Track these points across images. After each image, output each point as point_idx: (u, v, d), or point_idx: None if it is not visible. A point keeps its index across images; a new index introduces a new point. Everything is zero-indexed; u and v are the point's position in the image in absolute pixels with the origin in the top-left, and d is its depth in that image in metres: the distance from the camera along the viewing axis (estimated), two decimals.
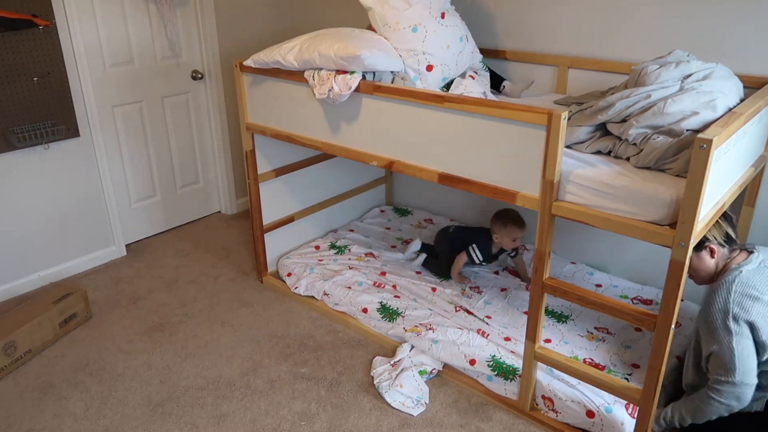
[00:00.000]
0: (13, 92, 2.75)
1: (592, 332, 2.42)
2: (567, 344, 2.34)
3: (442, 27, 2.35)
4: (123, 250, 3.41)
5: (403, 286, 2.79)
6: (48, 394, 2.34)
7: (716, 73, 1.91)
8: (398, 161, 2.22)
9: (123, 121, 3.30)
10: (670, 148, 1.76)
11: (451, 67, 2.39)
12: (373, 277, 2.85)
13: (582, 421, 2.06)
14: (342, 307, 2.73)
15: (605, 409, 2.01)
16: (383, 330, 2.58)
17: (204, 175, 3.80)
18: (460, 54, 2.41)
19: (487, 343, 2.34)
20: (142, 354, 2.56)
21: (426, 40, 2.30)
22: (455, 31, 2.39)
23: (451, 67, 2.39)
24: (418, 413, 2.19)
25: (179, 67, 3.46)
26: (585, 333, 2.42)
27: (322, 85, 2.27)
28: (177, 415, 2.21)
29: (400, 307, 2.63)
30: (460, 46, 2.40)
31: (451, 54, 2.37)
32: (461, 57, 2.42)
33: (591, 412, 2.03)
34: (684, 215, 1.57)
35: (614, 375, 2.16)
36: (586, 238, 2.92)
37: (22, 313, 2.56)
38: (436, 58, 2.32)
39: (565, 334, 2.41)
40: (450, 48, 2.36)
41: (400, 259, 3.05)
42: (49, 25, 2.78)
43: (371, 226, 3.44)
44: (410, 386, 2.27)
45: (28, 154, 2.90)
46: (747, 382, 1.73)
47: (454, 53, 2.38)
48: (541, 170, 1.81)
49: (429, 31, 2.31)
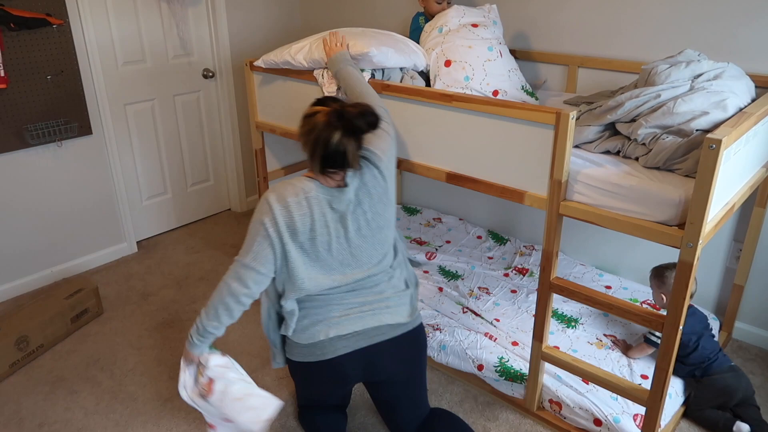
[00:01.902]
0: (27, 90, 2.79)
1: (601, 339, 2.39)
2: (576, 352, 2.31)
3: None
4: (134, 246, 3.45)
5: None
6: (60, 389, 2.37)
7: (727, 73, 1.89)
8: (406, 160, 2.23)
9: (135, 119, 3.33)
10: (679, 148, 1.75)
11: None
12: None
13: (590, 428, 2.05)
14: None
15: (613, 419, 2.00)
16: None
17: (214, 173, 3.83)
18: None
19: (494, 346, 2.33)
20: (153, 349, 2.59)
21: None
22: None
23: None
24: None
25: (191, 65, 3.48)
26: (594, 340, 2.39)
27: (331, 84, 2.28)
28: (186, 410, 2.23)
29: None
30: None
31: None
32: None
33: (598, 420, 2.02)
34: (693, 216, 1.56)
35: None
36: (596, 240, 2.90)
37: (35, 308, 2.60)
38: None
39: (573, 342, 2.38)
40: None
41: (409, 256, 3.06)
42: (63, 23, 2.82)
43: None
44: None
45: (41, 152, 2.94)
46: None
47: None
48: (549, 170, 1.81)
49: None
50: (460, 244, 3.19)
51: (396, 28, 2.82)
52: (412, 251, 3.10)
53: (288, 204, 1.63)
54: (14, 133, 2.80)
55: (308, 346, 1.73)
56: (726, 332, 2.58)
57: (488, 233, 3.27)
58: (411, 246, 3.19)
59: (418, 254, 3.07)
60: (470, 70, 2.25)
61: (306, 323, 1.74)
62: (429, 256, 3.07)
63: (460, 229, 3.34)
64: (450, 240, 3.24)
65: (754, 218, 2.35)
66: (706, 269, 2.59)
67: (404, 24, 2.81)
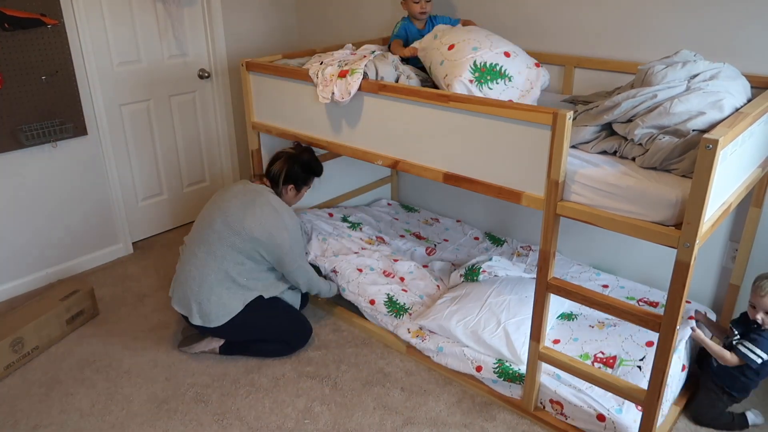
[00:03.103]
0: (21, 91, 2.78)
1: (602, 321, 2.41)
2: (576, 341, 2.32)
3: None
4: (130, 248, 3.44)
5: (410, 280, 2.78)
6: (55, 390, 2.35)
7: (723, 73, 1.90)
8: (403, 160, 2.22)
9: (130, 120, 3.32)
10: (676, 148, 1.76)
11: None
12: (383, 263, 2.84)
13: (593, 425, 2.05)
14: (350, 296, 2.71)
15: (615, 411, 2.01)
16: (389, 325, 2.58)
17: (210, 174, 3.81)
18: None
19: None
20: (148, 351, 2.58)
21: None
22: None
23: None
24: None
25: (186, 66, 3.47)
26: (595, 323, 2.41)
27: (326, 87, 2.28)
28: (182, 411, 2.23)
29: (407, 302, 2.63)
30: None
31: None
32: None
33: (601, 416, 2.02)
34: (689, 216, 1.56)
35: (626, 364, 2.16)
36: (593, 239, 2.90)
37: (30, 310, 2.58)
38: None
39: (574, 330, 2.40)
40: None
41: (409, 248, 3.08)
42: (58, 24, 2.80)
43: (380, 213, 3.46)
44: None
45: (36, 153, 2.92)
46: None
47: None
48: (546, 170, 1.81)
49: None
50: (457, 244, 3.20)
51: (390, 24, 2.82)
52: (410, 243, 3.11)
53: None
54: (8, 134, 2.79)
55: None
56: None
57: (485, 235, 3.27)
58: (410, 239, 3.19)
59: (417, 247, 3.09)
60: (476, 42, 2.26)
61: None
62: (429, 251, 3.10)
63: (457, 230, 3.34)
64: (447, 239, 3.25)
65: (750, 218, 2.35)
66: (702, 269, 2.60)
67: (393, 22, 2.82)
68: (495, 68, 2.19)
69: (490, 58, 2.20)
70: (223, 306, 2.38)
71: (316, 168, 2.64)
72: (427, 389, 2.33)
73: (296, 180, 2.55)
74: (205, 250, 2.40)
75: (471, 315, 2.37)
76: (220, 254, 2.37)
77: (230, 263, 2.38)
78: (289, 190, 2.56)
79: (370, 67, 2.27)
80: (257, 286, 2.45)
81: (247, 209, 2.37)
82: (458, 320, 2.37)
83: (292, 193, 2.58)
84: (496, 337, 2.27)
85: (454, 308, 2.43)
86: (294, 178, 2.54)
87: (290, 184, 2.55)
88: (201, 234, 2.44)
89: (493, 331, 2.29)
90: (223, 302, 2.38)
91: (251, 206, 2.38)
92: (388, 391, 2.33)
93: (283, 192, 2.55)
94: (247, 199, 2.41)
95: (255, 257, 2.40)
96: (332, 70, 2.32)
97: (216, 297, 2.37)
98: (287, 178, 2.53)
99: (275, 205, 2.43)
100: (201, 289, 2.38)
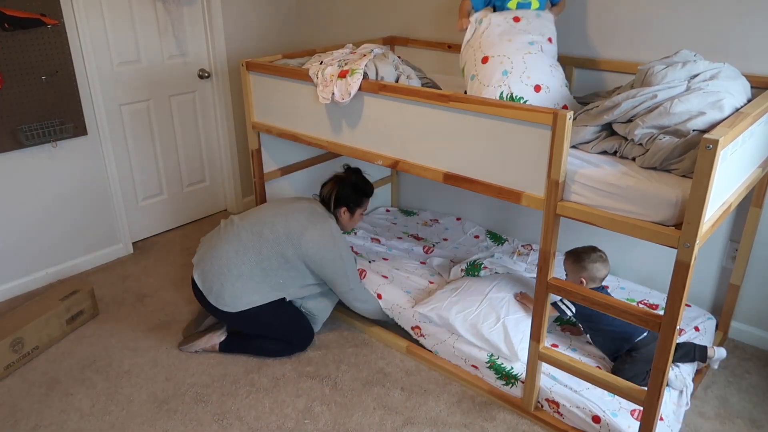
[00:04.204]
0: (21, 91, 2.77)
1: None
2: (575, 351, 2.32)
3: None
4: (130, 247, 3.44)
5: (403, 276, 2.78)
6: (55, 390, 2.35)
7: (723, 73, 1.90)
8: (403, 160, 2.22)
9: (130, 120, 3.32)
10: (676, 148, 1.76)
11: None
12: (377, 266, 2.84)
13: (588, 427, 2.05)
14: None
15: (611, 414, 2.01)
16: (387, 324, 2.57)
17: (210, 174, 3.81)
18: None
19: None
20: (148, 351, 2.58)
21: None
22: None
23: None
24: None
25: (186, 66, 3.47)
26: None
27: (326, 88, 2.28)
28: (182, 412, 2.23)
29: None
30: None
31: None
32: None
33: (597, 417, 2.02)
34: (690, 216, 1.56)
35: None
36: (593, 240, 2.90)
37: (30, 310, 2.58)
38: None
39: (573, 340, 2.39)
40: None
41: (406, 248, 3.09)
42: (58, 24, 2.80)
43: (377, 219, 3.47)
44: None
45: (36, 153, 2.92)
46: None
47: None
48: (546, 170, 1.81)
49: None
50: (457, 242, 3.20)
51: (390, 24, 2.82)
52: (407, 244, 3.11)
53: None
54: (8, 134, 2.79)
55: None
56: (722, 332, 2.58)
57: (486, 233, 3.27)
58: (408, 240, 3.19)
59: (415, 246, 3.10)
60: (509, 64, 2.13)
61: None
62: (426, 249, 3.09)
63: (457, 228, 3.34)
64: (447, 238, 3.25)
65: (750, 218, 2.36)
66: (702, 269, 2.60)
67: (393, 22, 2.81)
68: (519, 101, 2.09)
69: (517, 90, 2.10)
70: (244, 295, 2.38)
71: (365, 188, 2.61)
72: (427, 389, 2.34)
73: (347, 202, 2.54)
74: (254, 240, 2.41)
75: (471, 308, 2.38)
76: (266, 254, 2.40)
77: (272, 264, 2.40)
78: (343, 214, 2.56)
79: (370, 67, 2.27)
80: (289, 291, 2.47)
81: (310, 228, 2.40)
82: (458, 311, 2.37)
83: (346, 216, 2.57)
84: (495, 332, 2.27)
85: (454, 299, 2.44)
86: (345, 200, 2.53)
87: (342, 207, 2.54)
88: (256, 225, 2.44)
89: (492, 325, 2.30)
90: (246, 291, 2.38)
91: (313, 227, 2.41)
92: (388, 391, 2.33)
93: (338, 216, 2.55)
94: (314, 219, 2.44)
95: (300, 267, 2.43)
96: (332, 70, 2.31)
97: (241, 285, 2.38)
98: (338, 200, 2.52)
99: (334, 233, 2.45)
100: (230, 272, 2.38)
